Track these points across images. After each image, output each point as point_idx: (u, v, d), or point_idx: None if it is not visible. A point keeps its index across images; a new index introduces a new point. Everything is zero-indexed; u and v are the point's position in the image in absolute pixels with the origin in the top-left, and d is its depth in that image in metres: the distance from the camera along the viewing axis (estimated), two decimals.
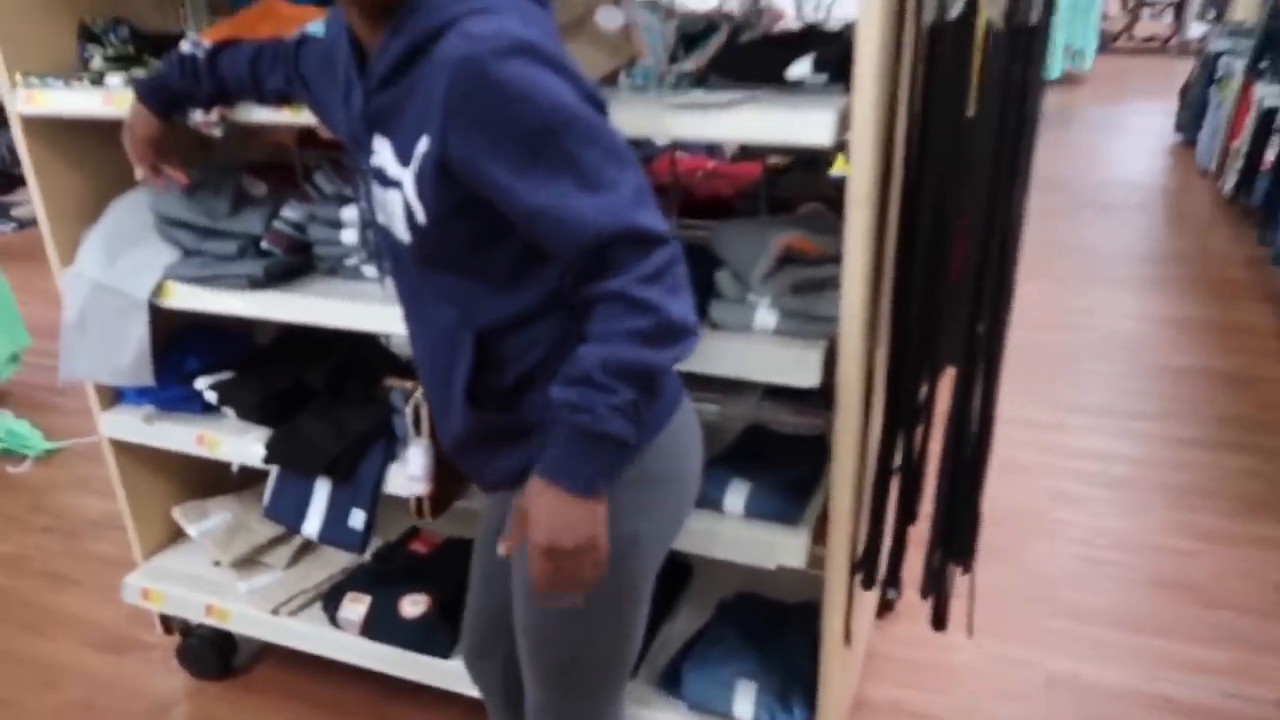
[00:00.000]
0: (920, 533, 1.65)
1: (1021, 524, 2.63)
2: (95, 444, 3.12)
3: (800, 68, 1.31)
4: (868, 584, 1.56)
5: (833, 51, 1.27)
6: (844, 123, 1.20)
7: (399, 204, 1.08)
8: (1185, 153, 6.36)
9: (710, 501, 1.55)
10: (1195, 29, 10.01)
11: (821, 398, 1.43)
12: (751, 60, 1.40)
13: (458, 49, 0.96)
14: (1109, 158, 6.50)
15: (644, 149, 2.06)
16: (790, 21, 1.53)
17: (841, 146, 1.23)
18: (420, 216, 1.07)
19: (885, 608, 2.28)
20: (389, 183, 1.09)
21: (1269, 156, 4.37)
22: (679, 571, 1.97)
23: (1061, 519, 2.65)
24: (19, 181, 5.75)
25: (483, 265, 1.11)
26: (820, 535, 1.50)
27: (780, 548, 1.48)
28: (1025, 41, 1.21)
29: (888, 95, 1.25)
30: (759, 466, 1.60)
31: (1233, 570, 2.41)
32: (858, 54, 1.15)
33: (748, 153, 2.18)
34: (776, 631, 1.73)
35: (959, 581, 1.67)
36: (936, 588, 1.66)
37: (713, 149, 2.20)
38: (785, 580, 1.87)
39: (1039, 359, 3.57)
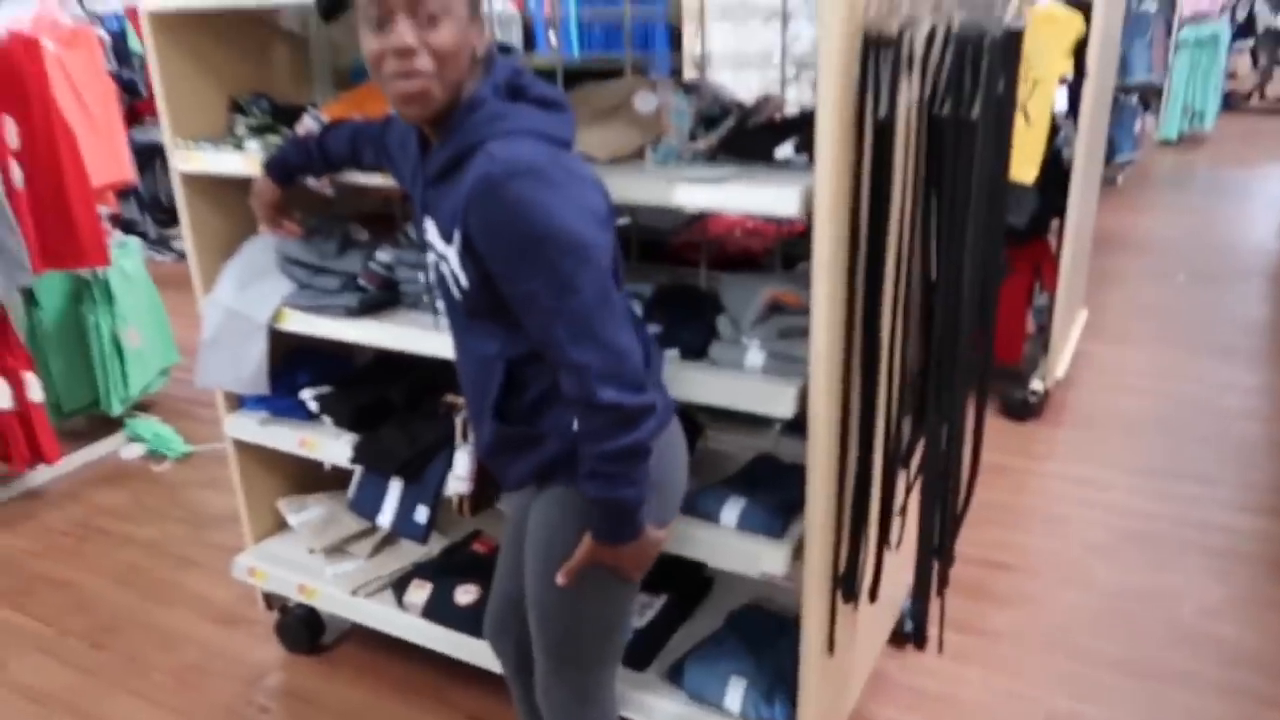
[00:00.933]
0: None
1: (1052, 572, 2.75)
2: (222, 449, 3.59)
3: (785, 149, 1.58)
4: (847, 597, 1.77)
5: (811, 137, 1.53)
6: (809, 198, 1.46)
7: (448, 271, 1.40)
8: None
9: (709, 515, 1.80)
10: None
11: None
12: (752, 142, 1.67)
13: (481, 166, 1.27)
14: (1218, 222, 6.40)
15: (695, 213, 2.36)
16: (791, 109, 1.80)
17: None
18: (463, 281, 1.38)
19: (905, 640, 2.45)
20: (439, 255, 1.41)
21: None
22: (700, 584, 2.21)
23: (1091, 570, 2.75)
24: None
25: (510, 315, 1.40)
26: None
27: (764, 557, 1.72)
28: (966, 133, 1.45)
29: (851, 175, 1.50)
30: (757, 488, 1.84)
31: (1257, 631, 2.47)
32: (818, 141, 1.41)
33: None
34: (774, 639, 1.95)
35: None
36: (918, 611, 1.85)
37: None
38: (794, 599, 2.10)
39: (1104, 419, 3.65)
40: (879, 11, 1.43)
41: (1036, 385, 3.64)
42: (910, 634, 2.41)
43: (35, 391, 3.26)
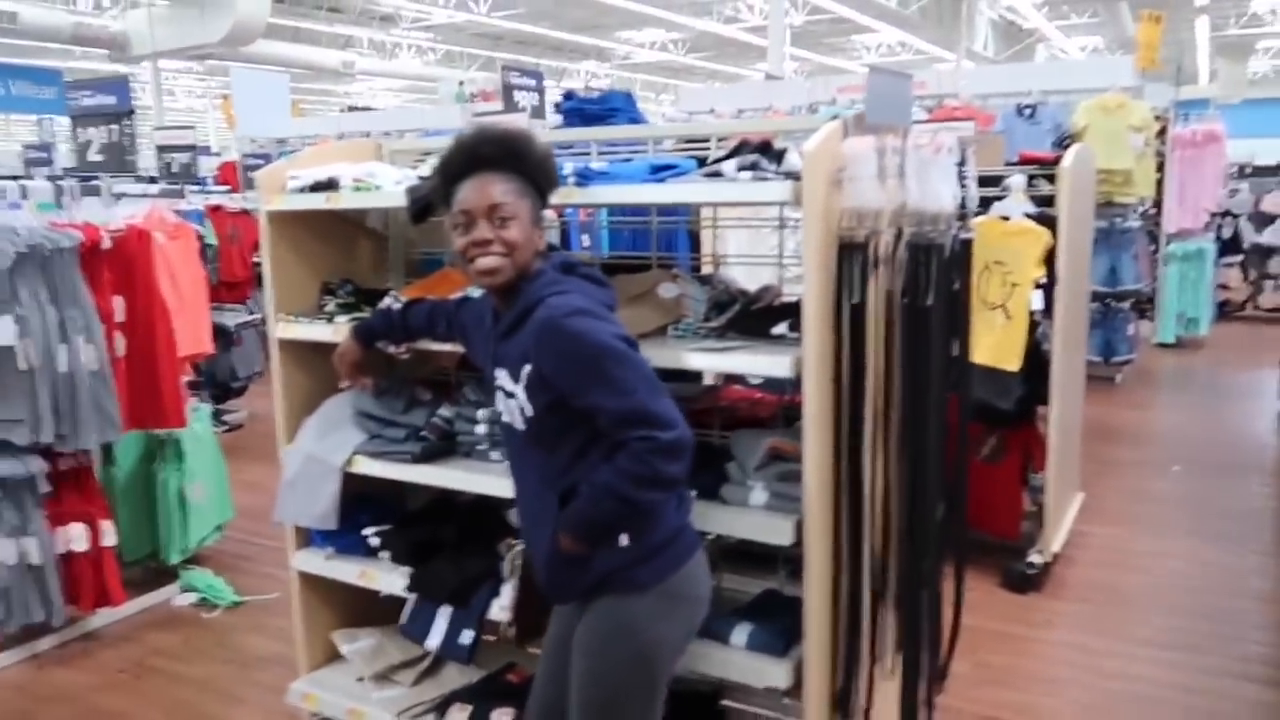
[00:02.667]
0: None
1: None
2: (269, 600, 3.86)
3: (780, 328, 1.97)
4: (844, 716, 2.00)
5: (800, 317, 1.92)
6: (798, 363, 1.83)
7: (516, 407, 1.78)
8: None
9: (721, 636, 2.07)
10: None
11: None
12: (754, 322, 2.07)
13: (542, 313, 1.69)
14: (1214, 419, 6.72)
15: (714, 384, 2.75)
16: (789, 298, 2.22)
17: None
18: (529, 411, 1.75)
19: None
20: (508, 395, 1.79)
21: None
22: (712, 715, 2.42)
23: None
24: (232, 393, 6.97)
25: (566, 442, 1.76)
26: None
27: (768, 673, 1.98)
28: (923, 315, 1.84)
29: (833, 347, 1.88)
30: (764, 616, 2.12)
31: None
32: (804, 323, 1.81)
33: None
34: None
35: None
36: None
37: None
38: None
39: (1101, 593, 3.86)
40: (849, 223, 1.85)
41: (1034, 558, 3.87)
42: None
43: (109, 538, 3.58)
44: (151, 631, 3.69)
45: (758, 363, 1.87)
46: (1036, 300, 3.72)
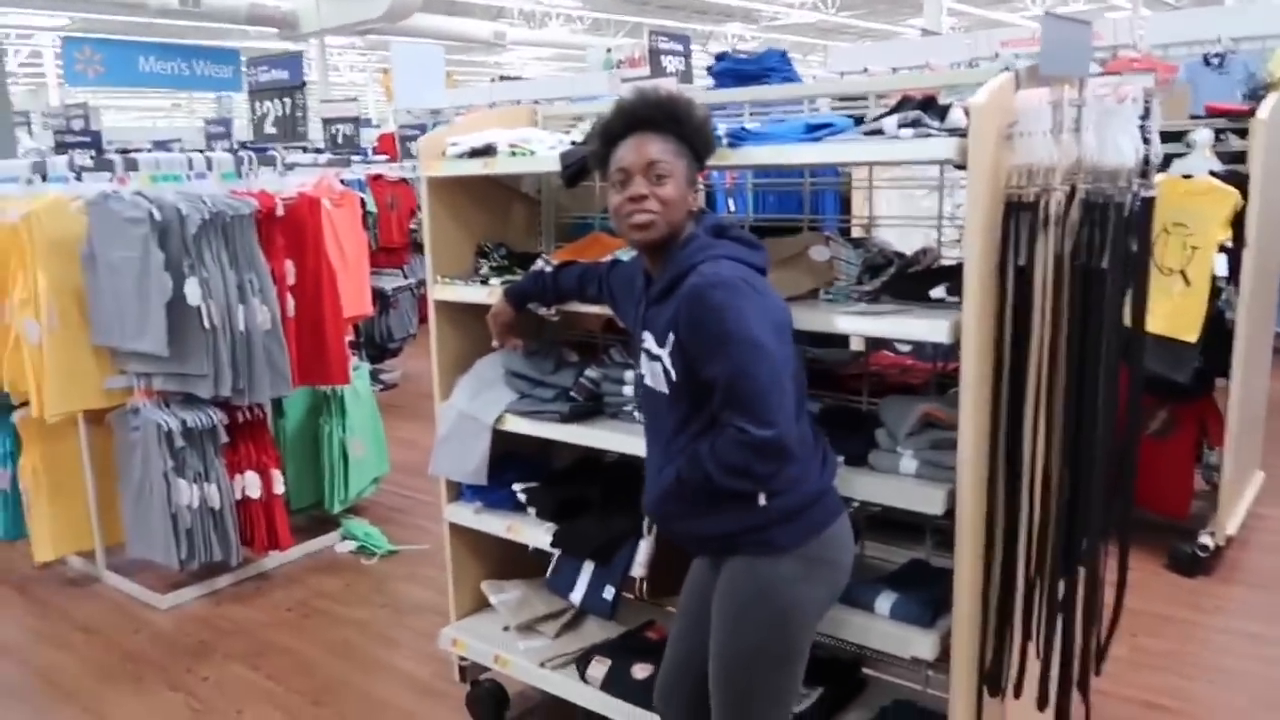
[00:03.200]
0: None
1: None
2: (421, 550, 4.05)
3: (938, 291, 1.89)
4: (992, 690, 1.94)
5: (961, 281, 1.84)
6: (957, 328, 1.75)
7: (660, 370, 1.78)
8: None
9: (866, 604, 2.03)
10: None
11: None
12: (910, 285, 2.00)
13: (692, 279, 1.68)
14: None
15: (863, 350, 2.68)
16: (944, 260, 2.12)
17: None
18: (674, 375, 1.75)
19: None
20: (653, 357, 1.79)
21: None
22: (854, 684, 2.39)
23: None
24: (388, 354, 7.30)
25: (702, 412, 1.75)
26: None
27: (913, 643, 1.93)
28: (1097, 279, 1.73)
29: (996, 312, 1.79)
30: (910, 586, 2.07)
31: None
32: (966, 285, 1.73)
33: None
34: None
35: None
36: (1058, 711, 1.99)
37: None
38: (942, 703, 2.25)
39: (1278, 581, 3.58)
40: (1018, 181, 1.75)
41: (1205, 540, 3.62)
42: None
43: (279, 486, 3.83)
44: (316, 575, 3.94)
45: (914, 326, 1.80)
46: (1220, 266, 3.45)
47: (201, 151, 4.55)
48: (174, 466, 3.51)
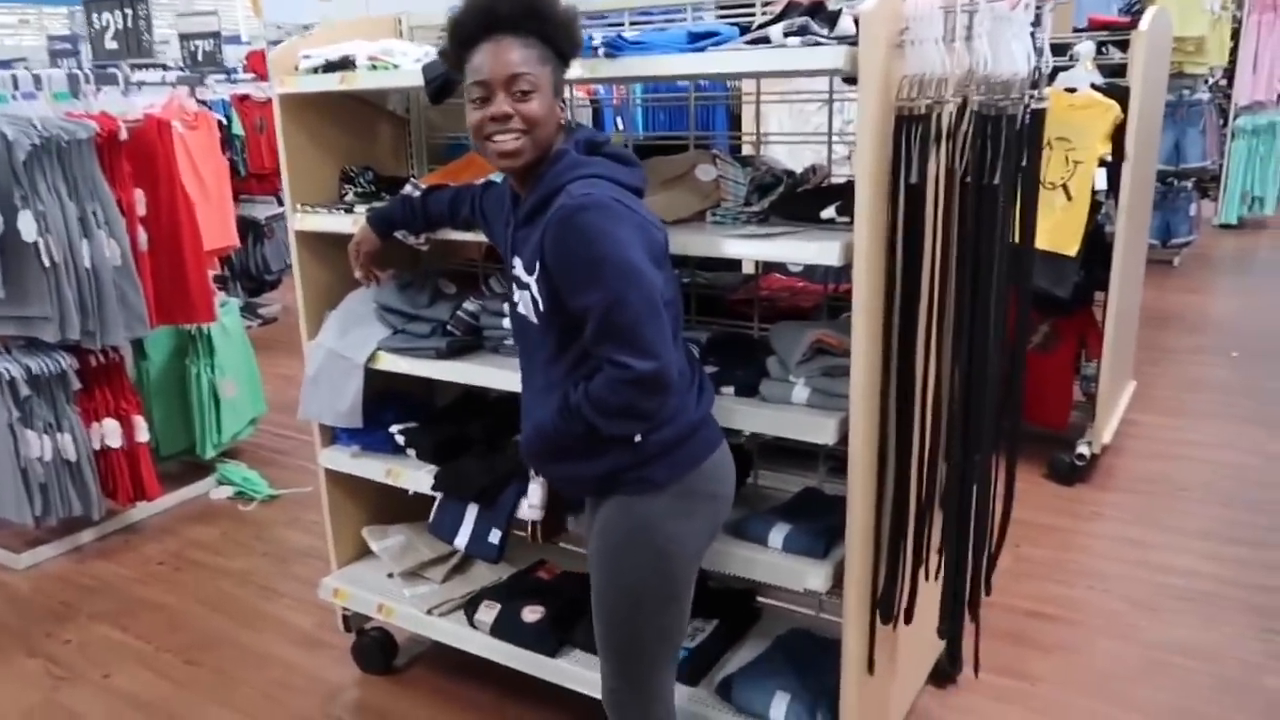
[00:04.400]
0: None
1: (1094, 626, 2.83)
2: (304, 494, 3.87)
3: (829, 211, 1.80)
4: (884, 618, 1.92)
5: (851, 200, 1.75)
6: (849, 250, 1.67)
7: (529, 298, 1.64)
8: None
9: (758, 537, 1.98)
10: None
11: None
12: (800, 205, 1.90)
13: (560, 201, 1.53)
14: (1274, 304, 6.44)
15: (752, 274, 2.59)
16: (835, 177, 2.03)
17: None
18: (541, 305, 1.62)
19: (947, 680, 2.56)
20: (523, 285, 1.65)
21: None
22: (749, 613, 2.37)
23: (1136, 624, 2.83)
24: (265, 286, 6.93)
25: (575, 344, 1.62)
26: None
27: (808, 575, 1.89)
28: (979, 193, 1.66)
29: (887, 233, 1.71)
30: (803, 516, 2.02)
31: None
32: (857, 205, 1.64)
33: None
34: (817, 659, 2.09)
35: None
36: (950, 635, 1.99)
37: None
38: (837, 628, 2.25)
39: (1151, 486, 3.73)
40: (909, 93, 1.66)
41: (1083, 449, 3.74)
42: (953, 673, 2.52)
43: (142, 433, 3.57)
44: (190, 525, 3.72)
45: (805, 249, 1.70)
46: (1100, 180, 3.47)
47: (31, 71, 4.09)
48: (20, 417, 3.23)
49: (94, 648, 2.92)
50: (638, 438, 1.60)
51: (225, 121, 6.57)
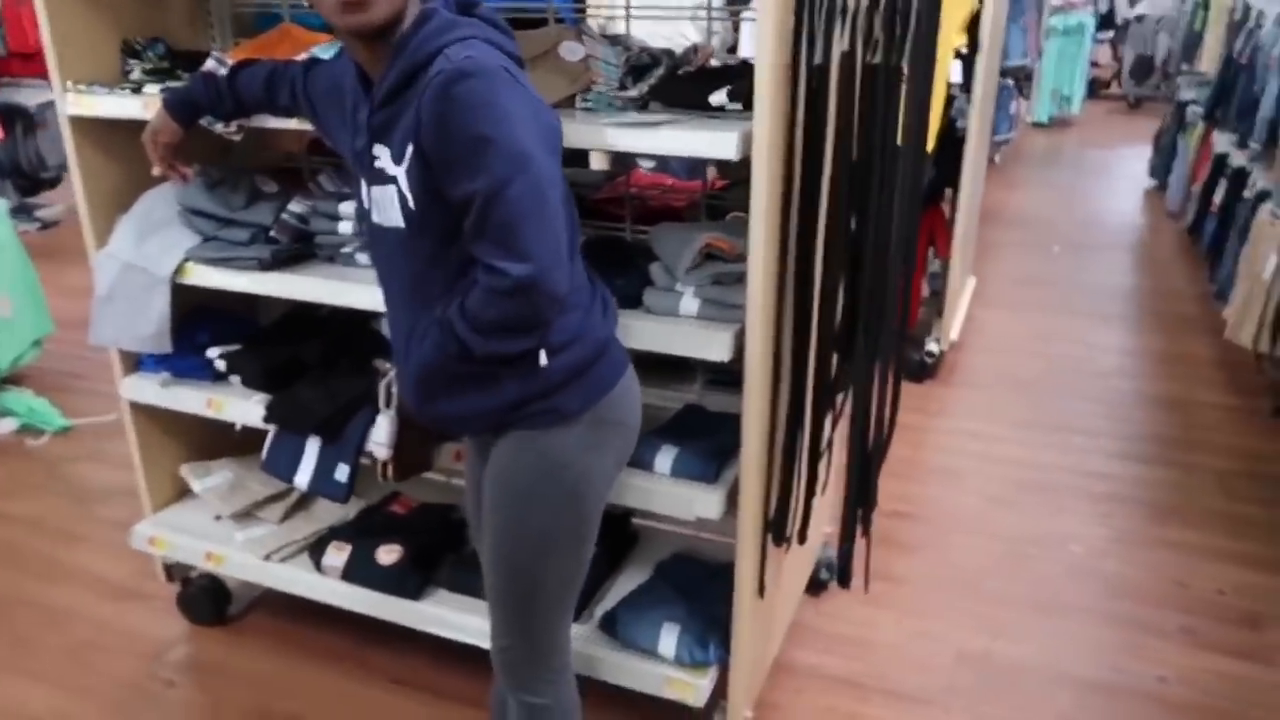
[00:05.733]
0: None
1: (950, 522, 2.88)
2: (106, 423, 3.41)
3: (719, 96, 1.59)
4: (777, 540, 1.81)
5: (745, 85, 1.54)
6: (747, 142, 1.47)
7: (394, 196, 1.36)
8: (1158, 196, 6.63)
9: (643, 463, 1.81)
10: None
11: None
12: (684, 90, 1.67)
13: (438, 66, 1.25)
14: (1086, 198, 6.78)
15: (612, 169, 2.36)
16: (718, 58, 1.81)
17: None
18: (411, 203, 1.34)
19: (820, 588, 2.53)
20: (386, 180, 1.36)
21: (1217, 199, 4.64)
22: (625, 538, 2.23)
23: (989, 518, 2.90)
24: (43, 185, 6.07)
25: (453, 249, 1.37)
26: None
27: (698, 502, 1.74)
28: (888, 77, 1.49)
29: (786, 120, 1.52)
30: (688, 437, 1.86)
31: (1138, 566, 2.66)
32: (756, 88, 1.43)
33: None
34: (703, 586, 1.98)
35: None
36: (845, 551, 1.92)
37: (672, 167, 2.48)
38: (718, 549, 2.14)
39: (994, 380, 3.84)
40: None
41: (932, 347, 3.79)
42: (827, 581, 2.49)
43: None
44: None
45: (695, 140, 1.49)
46: (956, 72, 3.42)
47: None
48: None
49: None
50: (543, 360, 1.37)
51: None
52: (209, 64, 1.97)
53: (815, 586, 2.51)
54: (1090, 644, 2.36)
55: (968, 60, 3.45)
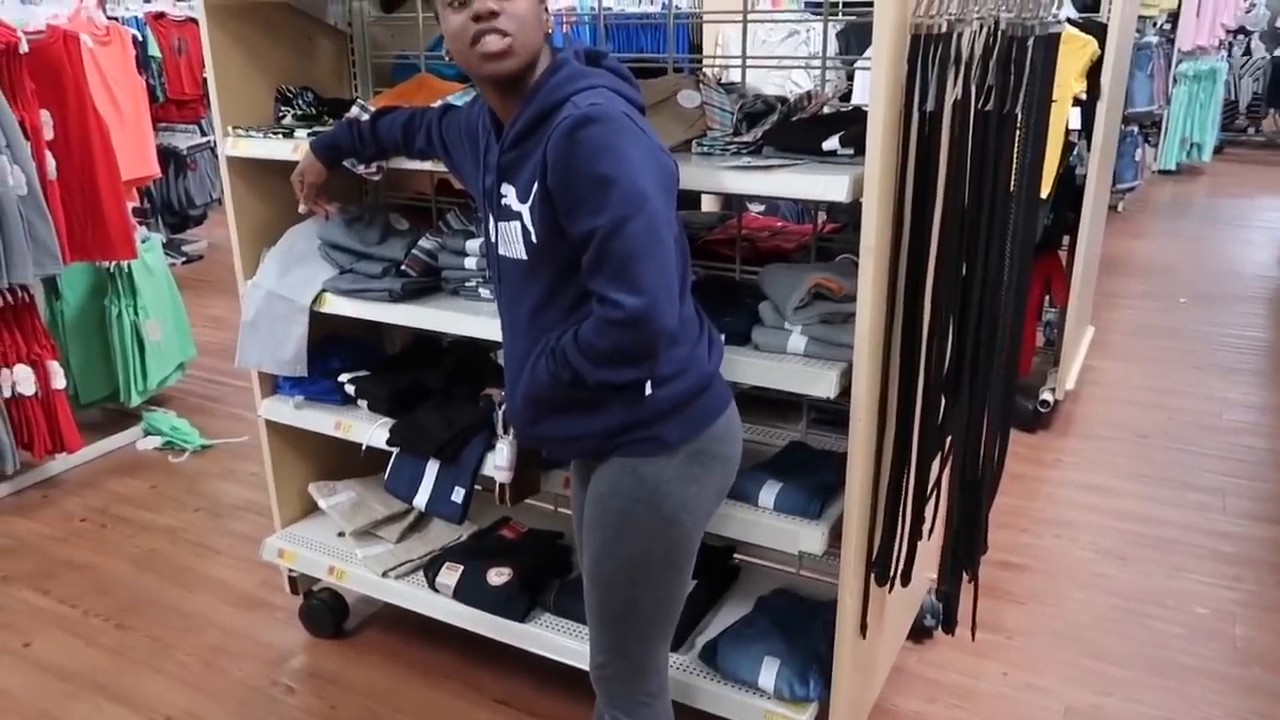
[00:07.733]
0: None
1: (1064, 575, 2.79)
2: (239, 443, 3.63)
3: (831, 142, 1.64)
4: (880, 580, 1.82)
5: (857, 130, 1.59)
6: (858, 185, 1.51)
7: (518, 230, 1.45)
8: None
9: (747, 496, 1.84)
10: None
11: None
12: (798, 135, 1.73)
13: (566, 113, 1.34)
14: (1216, 248, 6.51)
15: (723, 211, 2.42)
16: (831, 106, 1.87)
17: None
18: (534, 236, 1.43)
19: (925, 634, 2.49)
20: (512, 215, 1.46)
21: None
22: (727, 572, 2.25)
23: (1104, 573, 2.80)
24: (190, 222, 6.53)
25: (571, 282, 1.45)
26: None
27: (802, 536, 1.77)
28: (1000, 124, 1.51)
29: (897, 165, 1.56)
30: (793, 473, 1.89)
31: (1267, 631, 2.52)
32: (869, 134, 1.47)
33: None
34: (804, 623, 1.99)
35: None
36: (948, 595, 1.90)
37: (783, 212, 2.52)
38: (818, 588, 2.15)
39: (1111, 432, 3.71)
40: (926, 10, 1.49)
41: (1046, 396, 3.70)
42: (932, 627, 2.45)
43: (58, 379, 3.29)
44: (114, 478, 3.47)
45: (809, 184, 1.54)
46: (1075, 119, 3.37)
47: None
48: None
49: (13, 613, 2.69)
50: (649, 390, 1.44)
51: (140, 40, 6.12)
52: (354, 110, 2.14)
53: (919, 633, 2.47)
54: (1211, 708, 2.25)
55: (1088, 106, 3.41)
